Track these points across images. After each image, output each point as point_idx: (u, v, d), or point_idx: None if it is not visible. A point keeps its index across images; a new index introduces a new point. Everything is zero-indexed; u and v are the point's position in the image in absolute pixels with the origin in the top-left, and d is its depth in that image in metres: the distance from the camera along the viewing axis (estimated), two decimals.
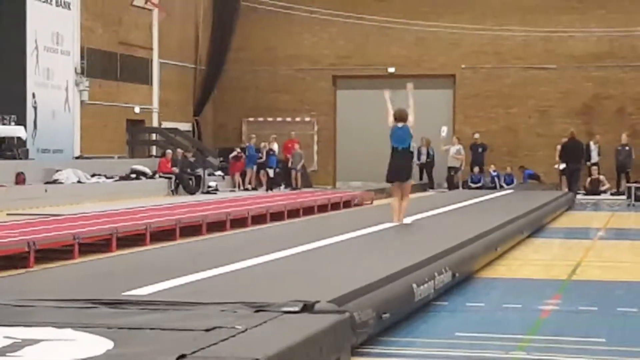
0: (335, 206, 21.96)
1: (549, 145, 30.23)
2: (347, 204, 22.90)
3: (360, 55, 33.24)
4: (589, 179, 29.67)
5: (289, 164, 30.54)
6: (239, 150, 29.70)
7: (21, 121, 23.46)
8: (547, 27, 31.84)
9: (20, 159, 22.72)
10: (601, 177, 29.69)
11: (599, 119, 31.82)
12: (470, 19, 32.28)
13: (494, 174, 31.24)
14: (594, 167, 29.72)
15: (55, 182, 22.52)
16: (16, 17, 24.21)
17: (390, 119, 13.58)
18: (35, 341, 5.45)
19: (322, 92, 33.82)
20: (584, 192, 28.63)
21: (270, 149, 30.10)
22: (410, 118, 13.64)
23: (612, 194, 29.06)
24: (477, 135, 31.83)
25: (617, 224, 19.23)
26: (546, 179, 30.41)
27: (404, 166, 13.70)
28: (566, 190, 26.79)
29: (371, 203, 24.27)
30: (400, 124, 13.47)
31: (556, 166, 28.54)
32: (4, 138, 22.28)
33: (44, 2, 25.03)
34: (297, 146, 30.76)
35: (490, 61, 32.71)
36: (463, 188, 30.10)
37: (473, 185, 30.52)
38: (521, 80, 32.53)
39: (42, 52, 25.02)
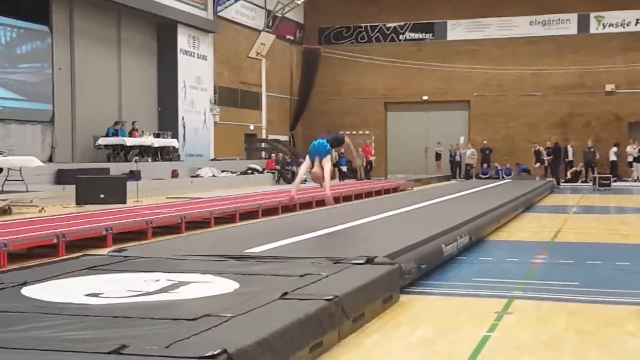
0: (387, 191, 21.89)
1: None
2: (395, 189, 22.79)
3: (403, 88, 33.08)
4: (570, 171, 29.39)
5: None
6: None
7: (175, 135, 23.86)
8: (535, 66, 31.45)
9: (175, 161, 23.12)
10: (581, 169, 29.47)
11: (572, 130, 31.31)
12: (479, 61, 31.99)
13: (498, 168, 30.97)
14: (580, 164, 29.52)
15: (197, 176, 22.83)
16: (171, 67, 24.66)
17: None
18: (187, 283, 5.56)
19: (376, 113, 33.75)
20: (563, 180, 28.37)
21: (341, 152, 30.06)
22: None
23: (582, 182, 28.63)
24: (485, 142, 31.57)
25: (585, 203, 18.86)
26: (534, 172, 30.00)
27: None
28: (549, 179, 26.65)
29: (412, 189, 24.12)
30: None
31: (538, 163, 28.45)
32: (163, 147, 22.67)
33: (189, 56, 25.39)
34: (364, 149, 30.68)
35: (494, 91, 32.33)
36: (476, 178, 29.78)
37: (483, 176, 30.16)
38: (516, 104, 32.08)
39: (188, 89, 25.39)
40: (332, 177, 28.56)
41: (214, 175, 23.37)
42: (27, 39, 19.31)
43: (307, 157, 9.46)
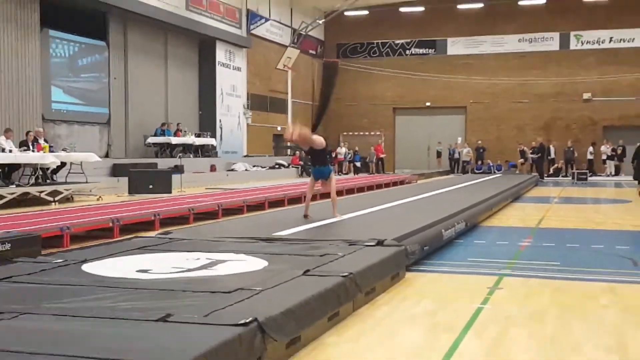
0: (395, 184, 21.82)
1: None
2: (402, 182, 22.72)
3: (409, 95, 32.97)
4: (552, 168, 29.13)
5: (367, 159, 30.51)
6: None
7: (213, 135, 23.93)
8: (523, 77, 31.24)
9: (213, 157, 23.18)
10: (562, 166, 29.26)
11: (554, 132, 31.09)
12: (475, 73, 31.81)
13: (490, 164, 30.78)
14: (561, 161, 29.32)
15: (232, 170, 22.92)
16: (211, 77, 24.72)
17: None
18: (223, 261, 5.56)
19: (386, 117, 33.65)
20: (546, 175, 28.14)
21: (356, 150, 30.01)
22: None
23: (562, 177, 28.43)
24: (479, 142, 31.34)
25: (565, 195, 18.65)
26: (519, 168, 29.78)
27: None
28: (534, 174, 26.39)
29: (416, 182, 24.00)
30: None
31: (529, 156, 28.13)
32: (203, 145, 22.74)
33: (226, 67, 25.43)
34: (376, 148, 30.58)
35: (487, 98, 32.11)
36: (471, 173, 29.59)
37: (477, 172, 29.96)
38: (507, 110, 31.87)
39: (225, 96, 25.45)
40: (347, 172, 28.66)
41: (246, 170, 23.47)
42: (87, 53, 19.44)
43: (312, 177, 8.98)
